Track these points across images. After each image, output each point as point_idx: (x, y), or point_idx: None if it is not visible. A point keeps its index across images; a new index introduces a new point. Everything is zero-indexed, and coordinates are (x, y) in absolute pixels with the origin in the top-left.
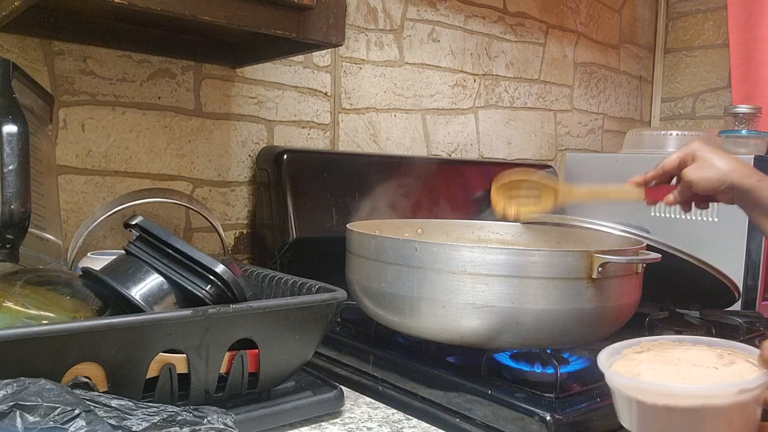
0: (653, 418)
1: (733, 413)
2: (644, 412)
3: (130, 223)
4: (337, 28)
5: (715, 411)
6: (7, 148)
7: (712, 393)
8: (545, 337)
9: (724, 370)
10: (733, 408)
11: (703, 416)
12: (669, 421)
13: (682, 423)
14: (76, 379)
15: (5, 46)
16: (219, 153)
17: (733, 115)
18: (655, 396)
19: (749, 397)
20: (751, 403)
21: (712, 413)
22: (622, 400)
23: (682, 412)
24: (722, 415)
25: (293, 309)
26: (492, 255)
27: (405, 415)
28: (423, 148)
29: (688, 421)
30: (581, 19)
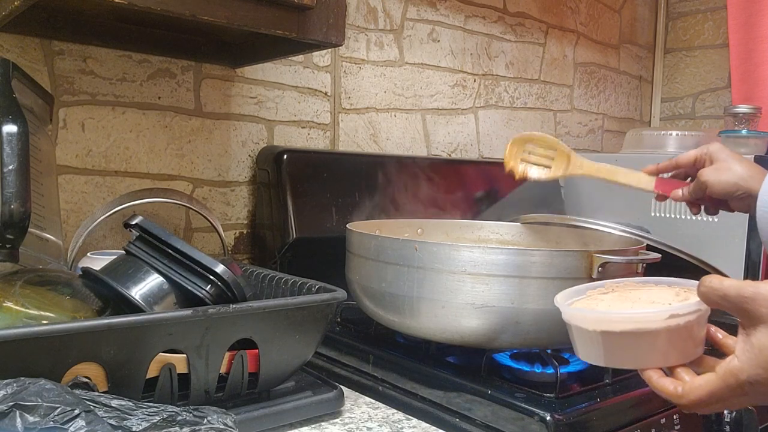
0: (595, 344)
1: (665, 338)
2: (586, 339)
3: (130, 223)
4: (337, 28)
5: (648, 335)
6: (7, 148)
7: (643, 318)
8: (545, 337)
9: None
10: (664, 332)
11: (637, 340)
12: (609, 346)
13: (620, 347)
14: (76, 379)
15: (5, 46)
16: (219, 153)
17: (733, 115)
18: (593, 323)
19: (681, 322)
20: (683, 329)
21: (646, 337)
22: (573, 330)
23: (619, 337)
24: (655, 339)
25: (293, 309)
26: (492, 255)
27: (405, 415)
28: (423, 148)
29: (625, 346)
30: (581, 19)
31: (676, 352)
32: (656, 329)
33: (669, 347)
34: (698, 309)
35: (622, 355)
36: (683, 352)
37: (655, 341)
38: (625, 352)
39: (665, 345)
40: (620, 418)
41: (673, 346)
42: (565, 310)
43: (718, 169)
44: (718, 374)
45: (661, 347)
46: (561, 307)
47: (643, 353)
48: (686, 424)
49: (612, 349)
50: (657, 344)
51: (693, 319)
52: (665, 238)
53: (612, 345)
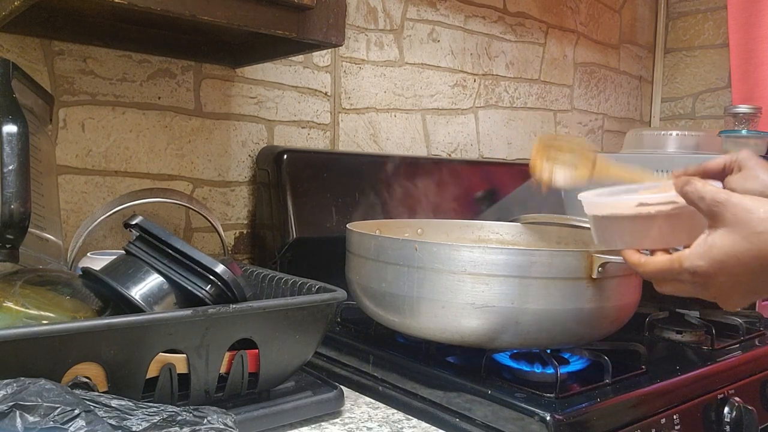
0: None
1: (637, 224)
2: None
3: (130, 223)
4: (337, 28)
5: (624, 220)
6: (7, 148)
7: (616, 204)
8: (545, 337)
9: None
10: (636, 219)
11: (616, 224)
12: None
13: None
14: (76, 379)
15: (5, 46)
16: (219, 153)
17: (733, 115)
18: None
19: (652, 211)
20: (657, 218)
21: (623, 222)
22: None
23: (603, 221)
24: (627, 224)
25: (293, 309)
26: (492, 255)
27: (405, 415)
28: (423, 148)
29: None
30: (581, 19)
31: (651, 238)
32: (627, 215)
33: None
34: (671, 202)
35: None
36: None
37: (631, 225)
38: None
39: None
40: (620, 418)
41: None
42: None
43: (745, 177)
44: (670, 257)
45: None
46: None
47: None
48: (686, 424)
49: (603, 232)
50: (634, 228)
51: (665, 209)
52: None
53: (602, 227)
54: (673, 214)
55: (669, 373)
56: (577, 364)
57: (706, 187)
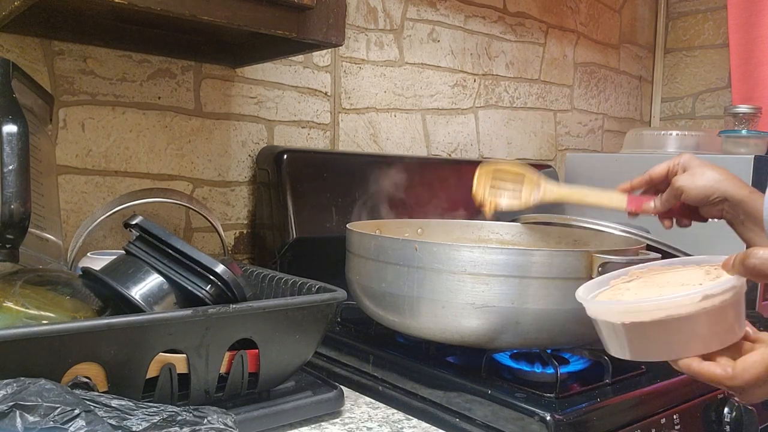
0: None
1: (700, 322)
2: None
3: (130, 223)
4: (337, 28)
5: (680, 321)
6: (7, 148)
7: (674, 303)
8: (545, 337)
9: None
10: (699, 316)
11: (669, 328)
12: (639, 338)
13: (651, 338)
14: (76, 379)
15: (5, 46)
16: (219, 153)
17: (733, 115)
18: (619, 315)
19: (716, 303)
20: (719, 309)
21: (678, 324)
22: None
23: (649, 327)
24: (689, 324)
25: (293, 309)
26: (492, 255)
27: (405, 415)
28: (423, 148)
29: (657, 336)
30: (581, 19)
31: (715, 337)
32: (689, 314)
33: (707, 333)
34: (733, 286)
35: (655, 347)
36: (722, 337)
37: (691, 327)
38: (657, 343)
39: (702, 330)
40: (620, 418)
41: (710, 330)
42: (589, 305)
43: (692, 175)
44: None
45: (698, 333)
46: (584, 302)
47: (678, 342)
48: (686, 424)
49: (643, 342)
50: (693, 330)
51: (728, 298)
52: (665, 238)
53: (643, 337)
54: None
55: (669, 373)
56: (577, 364)
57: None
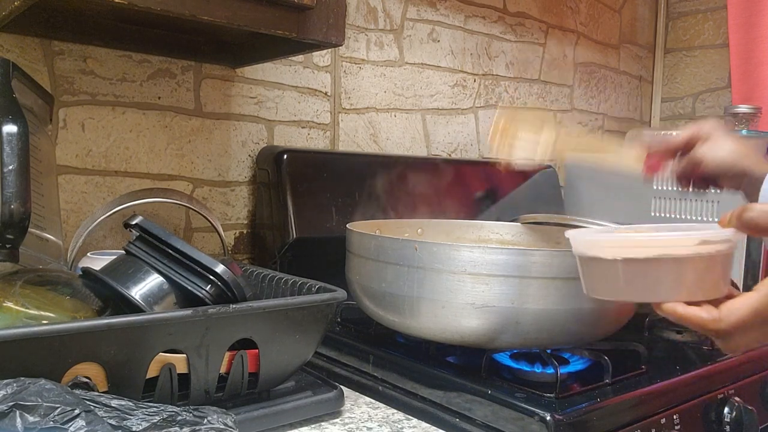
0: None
1: (694, 266)
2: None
3: (130, 223)
4: (337, 28)
5: (675, 263)
6: (7, 148)
7: (671, 242)
8: (545, 337)
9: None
10: (693, 260)
11: (663, 269)
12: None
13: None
14: (76, 379)
15: (5, 46)
16: (219, 153)
17: (733, 115)
18: (614, 249)
19: (711, 251)
20: (712, 258)
21: (673, 265)
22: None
23: (642, 265)
24: (683, 268)
25: (293, 309)
26: (492, 255)
27: (405, 415)
28: (423, 148)
29: (648, 275)
30: (581, 19)
31: (704, 285)
32: (684, 256)
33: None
34: (728, 239)
35: (644, 287)
36: (710, 287)
37: (683, 271)
38: (647, 283)
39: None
40: (620, 418)
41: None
42: (580, 238)
43: (713, 146)
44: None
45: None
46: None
47: (667, 285)
48: (686, 424)
49: (633, 280)
50: (684, 274)
51: (724, 249)
52: None
53: (633, 275)
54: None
55: (669, 373)
56: (577, 364)
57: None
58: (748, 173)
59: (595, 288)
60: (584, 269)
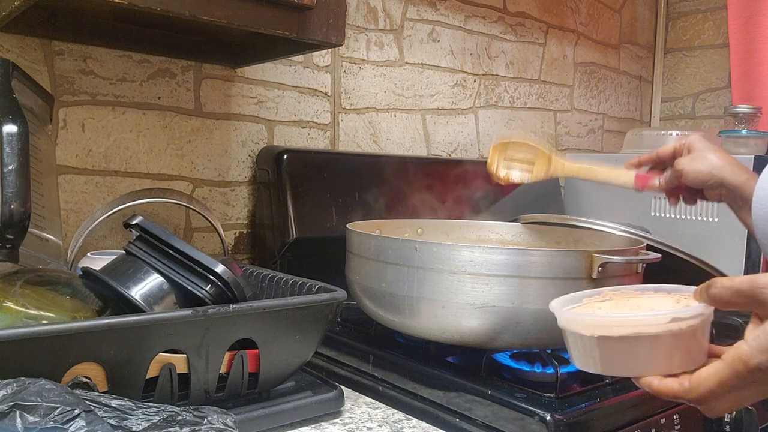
0: (592, 350)
1: (667, 343)
2: (584, 345)
3: (130, 223)
4: (337, 28)
5: (648, 340)
6: (7, 148)
7: (643, 321)
8: (545, 337)
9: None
10: (666, 337)
11: (637, 345)
12: (607, 353)
13: (618, 353)
14: (76, 379)
15: (5, 46)
16: (219, 153)
17: (733, 115)
18: (590, 327)
19: (684, 327)
20: (687, 333)
21: (646, 342)
22: (569, 337)
23: (617, 342)
24: (657, 344)
25: (293, 309)
26: (492, 255)
27: (405, 415)
28: (423, 148)
29: (624, 352)
30: (581, 19)
31: (679, 359)
32: (657, 333)
33: (671, 354)
34: (701, 313)
35: (621, 362)
36: (686, 360)
37: (656, 347)
38: (624, 359)
39: (667, 351)
40: (620, 418)
41: (675, 352)
42: (561, 315)
43: (693, 158)
44: (725, 361)
45: (663, 354)
46: (557, 312)
47: (643, 360)
48: (686, 424)
49: (610, 356)
50: (658, 350)
51: (696, 323)
52: (665, 238)
53: (610, 351)
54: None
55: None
56: None
57: (735, 280)
58: (726, 184)
59: (577, 360)
60: (570, 343)
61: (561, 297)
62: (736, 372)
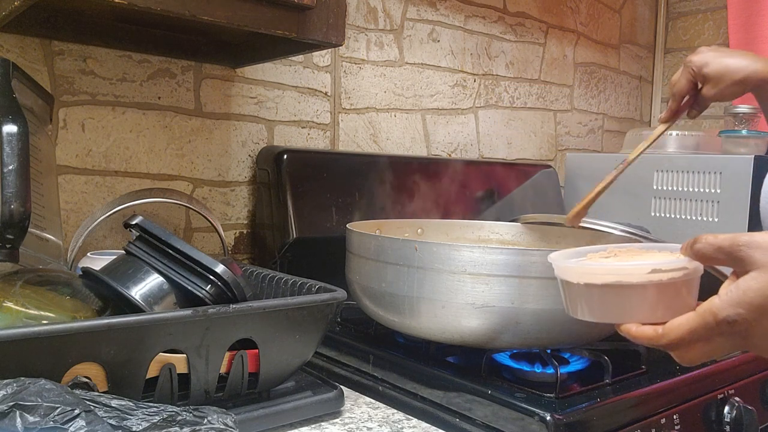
0: (579, 297)
1: (649, 293)
2: (573, 293)
3: (130, 223)
4: (337, 28)
5: (630, 289)
6: (7, 148)
7: (625, 271)
8: (545, 337)
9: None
10: (648, 287)
11: (619, 293)
12: (591, 299)
13: (603, 301)
14: (76, 379)
15: (5, 46)
16: (219, 153)
17: (733, 115)
18: (577, 275)
19: (664, 278)
20: (668, 285)
21: (629, 291)
22: (562, 286)
23: (601, 290)
24: (637, 293)
25: (293, 309)
26: (492, 255)
27: (405, 415)
28: (423, 148)
29: (607, 299)
30: (581, 19)
31: (662, 311)
32: (638, 283)
33: (653, 305)
34: (684, 267)
35: (606, 309)
36: (668, 312)
37: (638, 296)
38: (608, 306)
39: (649, 302)
40: (620, 418)
41: (658, 304)
42: (556, 264)
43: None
44: (697, 312)
45: (646, 304)
46: (552, 262)
47: (626, 308)
48: (686, 424)
49: (596, 303)
50: (640, 300)
51: (678, 276)
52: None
53: (596, 298)
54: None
55: (669, 373)
56: (577, 364)
57: (719, 236)
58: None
59: (569, 308)
60: (563, 291)
61: (564, 250)
62: (705, 322)
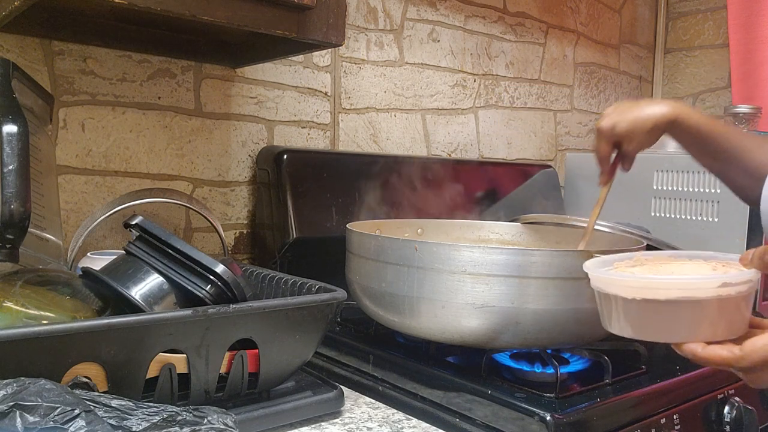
0: (630, 314)
1: (713, 308)
2: (626, 309)
3: (130, 223)
4: (337, 28)
5: (694, 305)
6: (7, 148)
7: (692, 285)
8: (545, 337)
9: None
10: (713, 303)
11: (682, 310)
12: (647, 316)
13: (660, 318)
14: (76, 379)
15: (5, 46)
16: (219, 153)
17: (733, 115)
18: (635, 290)
19: (732, 292)
20: (733, 300)
21: (692, 307)
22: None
23: (661, 306)
24: (702, 309)
25: (293, 309)
26: (492, 255)
27: (405, 415)
28: (423, 148)
29: (667, 316)
30: (581, 19)
31: (723, 327)
32: (705, 298)
33: (716, 321)
34: (750, 280)
35: (661, 328)
36: (729, 328)
37: (702, 312)
38: (665, 324)
39: (712, 317)
40: (620, 418)
41: (720, 320)
42: (601, 276)
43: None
44: None
45: (708, 320)
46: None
47: (686, 326)
48: (686, 424)
49: (650, 320)
50: (704, 316)
51: (744, 290)
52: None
53: (651, 315)
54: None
55: (669, 373)
56: (577, 364)
57: None
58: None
59: (612, 324)
60: (602, 304)
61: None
62: None
